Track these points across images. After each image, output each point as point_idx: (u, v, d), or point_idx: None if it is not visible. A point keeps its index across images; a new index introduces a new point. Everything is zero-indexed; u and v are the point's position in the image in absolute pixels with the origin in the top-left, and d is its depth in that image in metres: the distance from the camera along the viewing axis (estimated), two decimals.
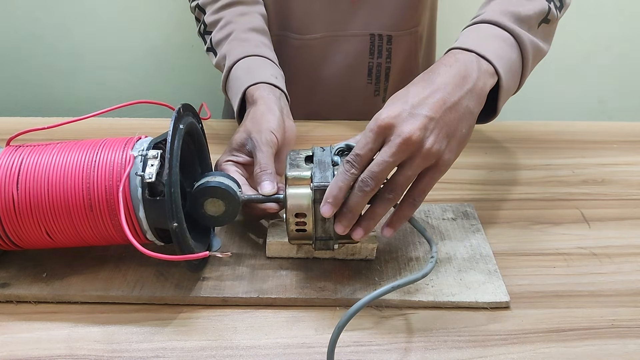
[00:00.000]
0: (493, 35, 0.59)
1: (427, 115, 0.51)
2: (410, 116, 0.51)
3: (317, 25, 0.90)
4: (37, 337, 0.51)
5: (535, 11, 0.63)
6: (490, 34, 0.59)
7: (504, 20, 0.60)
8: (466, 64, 0.56)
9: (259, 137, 0.62)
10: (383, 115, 0.52)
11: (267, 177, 0.58)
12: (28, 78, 1.49)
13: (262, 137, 0.62)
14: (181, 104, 0.55)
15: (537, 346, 0.51)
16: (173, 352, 0.50)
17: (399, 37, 0.91)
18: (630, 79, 1.59)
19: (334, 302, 0.55)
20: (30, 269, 0.58)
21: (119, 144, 0.54)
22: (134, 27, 1.43)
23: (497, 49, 0.58)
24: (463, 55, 0.57)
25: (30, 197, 0.52)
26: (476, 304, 0.55)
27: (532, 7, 0.63)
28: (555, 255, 0.63)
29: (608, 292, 0.58)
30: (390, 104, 0.53)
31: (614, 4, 1.48)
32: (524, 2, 0.63)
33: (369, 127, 0.52)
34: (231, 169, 0.61)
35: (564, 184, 0.76)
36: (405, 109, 0.52)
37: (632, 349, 0.51)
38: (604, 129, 0.91)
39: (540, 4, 0.64)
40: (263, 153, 0.61)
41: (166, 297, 0.55)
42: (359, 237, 0.54)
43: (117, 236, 0.54)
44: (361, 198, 0.52)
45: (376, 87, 0.96)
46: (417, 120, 0.51)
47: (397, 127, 0.51)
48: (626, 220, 0.69)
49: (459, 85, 0.54)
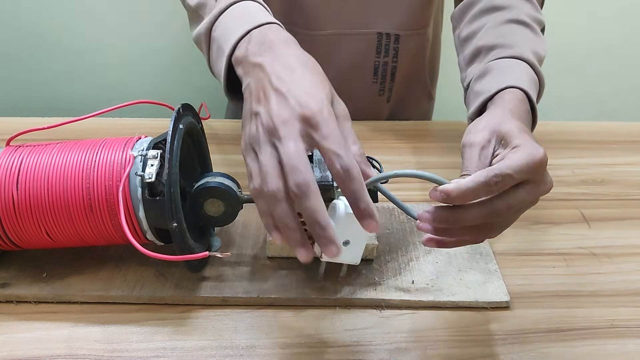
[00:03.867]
0: (532, 78, 0.61)
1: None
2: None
3: (326, 22, 0.89)
4: (37, 337, 0.51)
5: (545, 51, 0.65)
6: (530, 75, 0.60)
7: (535, 62, 0.62)
8: (529, 117, 0.57)
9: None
10: (543, 150, 0.48)
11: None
12: (28, 78, 1.49)
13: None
14: (181, 104, 0.55)
15: (537, 346, 0.51)
16: (173, 352, 0.50)
17: (406, 37, 0.91)
18: (630, 79, 1.59)
19: (334, 302, 0.55)
20: (30, 269, 0.58)
21: (119, 144, 0.54)
22: (134, 27, 1.43)
23: (535, 96, 0.60)
24: (527, 109, 0.57)
25: (30, 197, 0.52)
26: (476, 304, 0.55)
27: (544, 47, 0.66)
28: (555, 255, 0.63)
29: (608, 292, 0.58)
30: (532, 139, 0.49)
31: (614, 4, 1.48)
32: (540, 42, 0.66)
33: (529, 155, 0.47)
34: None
35: (564, 184, 0.76)
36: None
37: (631, 349, 0.52)
38: (603, 129, 0.91)
39: (545, 43, 0.67)
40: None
41: (166, 297, 0.55)
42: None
43: (117, 236, 0.54)
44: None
45: (381, 86, 0.95)
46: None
47: (546, 169, 0.48)
48: (626, 220, 0.69)
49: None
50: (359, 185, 0.43)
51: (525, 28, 0.66)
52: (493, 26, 0.67)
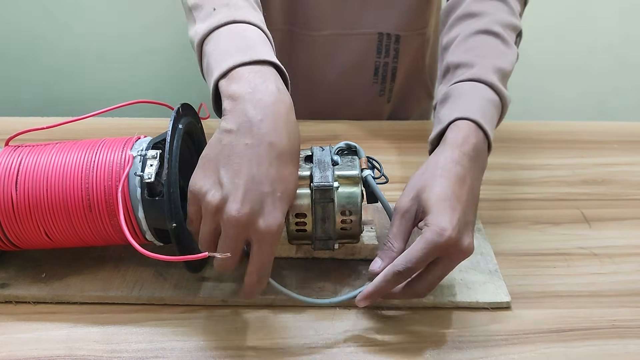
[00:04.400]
0: (489, 101, 0.60)
1: (472, 221, 0.53)
2: (465, 228, 0.52)
3: (326, 22, 0.89)
4: (37, 338, 0.51)
5: (513, 63, 0.65)
6: (487, 99, 0.60)
7: (496, 81, 0.62)
8: (480, 152, 0.57)
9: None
10: (449, 231, 0.50)
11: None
12: (28, 78, 1.49)
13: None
14: (180, 103, 0.55)
15: (538, 346, 0.51)
16: (173, 352, 0.50)
17: (407, 38, 0.91)
18: (630, 79, 1.59)
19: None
20: (29, 270, 0.57)
21: (118, 144, 0.54)
22: (134, 27, 1.43)
23: (492, 118, 0.60)
24: (477, 140, 0.57)
25: (29, 197, 0.52)
26: (477, 304, 0.55)
27: (511, 58, 0.65)
28: (555, 256, 0.62)
29: (608, 293, 0.58)
30: (445, 212, 0.51)
31: (614, 4, 1.48)
32: (508, 54, 0.65)
33: (430, 242, 0.50)
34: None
35: (564, 184, 0.76)
36: (460, 220, 0.51)
37: (632, 349, 0.51)
38: (604, 128, 0.91)
39: (514, 54, 0.66)
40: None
41: (165, 298, 0.55)
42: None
43: (116, 237, 0.54)
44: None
45: (382, 86, 0.95)
46: (470, 231, 0.52)
47: (459, 242, 0.51)
48: (627, 220, 0.69)
49: (479, 179, 0.57)
50: (261, 287, 0.50)
51: (495, 38, 0.65)
52: (463, 39, 0.67)
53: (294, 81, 0.58)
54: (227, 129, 0.49)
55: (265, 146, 0.47)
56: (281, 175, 0.48)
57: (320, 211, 0.53)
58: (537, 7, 0.85)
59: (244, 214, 0.46)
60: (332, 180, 0.53)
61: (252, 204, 0.46)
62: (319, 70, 0.93)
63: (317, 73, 0.93)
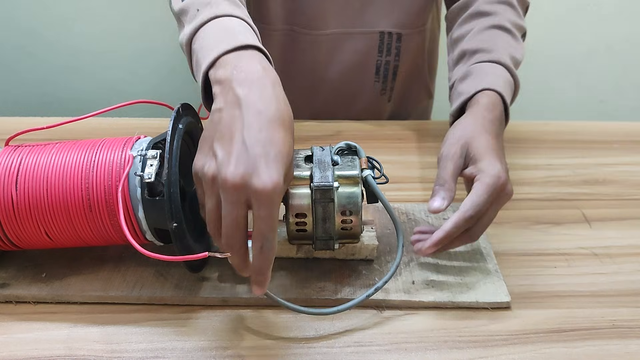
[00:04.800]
0: (507, 81, 0.68)
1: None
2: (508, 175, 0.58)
3: (327, 22, 0.89)
4: (37, 338, 0.51)
5: (523, 56, 0.73)
6: (506, 79, 0.68)
7: (511, 66, 0.70)
8: (502, 122, 0.65)
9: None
10: (503, 176, 0.57)
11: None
12: (28, 77, 1.49)
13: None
14: (180, 103, 0.55)
15: (538, 347, 0.51)
16: (173, 352, 0.50)
17: (408, 36, 0.91)
18: (631, 79, 1.59)
19: (334, 302, 0.55)
20: (29, 269, 0.57)
21: (118, 144, 0.54)
22: (134, 26, 1.43)
23: (509, 97, 0.68)
24: (500, 110, 0.65)
25: (29, 197, 0.52)
26: (477, 304, 0.55)
27: (522, 52, 0.73)
28: (556, 256, 0.62)
29: (609, 293, 0.58)
30: (497, 160, 0.58)
31: (614, 4, 1.48)
32: (518, 47, 0.73)
33: (491, 186, 0.56)
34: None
35: (565, 184, 0.76)
36: (505, 168, 0.58)
37: (633, 349, 0.51)
38: (604, 128, 0.91)
39: (523, 48, 0.74)
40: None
41: (166, 298, 0.55)
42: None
43: (116, 236, 0.54)
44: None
45: (383, 85, 0.95)
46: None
47: (507, 186, 0.57)
48: (627, 220, 0.69)
49: (501, 135, 0.64)
50: (266, 263, 0.47)
51: (507, 34, 0.73)
52: (478, 31, 0.73)
53: (295, 80, 0.58)
54: (217, 108, 0.49)
55: (254, 113, 0.47)
56: (272, 138, 0.46)
57: (320, 211, 0.53)
58: (537, 7, 0.85)
59: (238, 174, 0.45)
60: (332, 180, 0.53)
61: (245, 166, 0.45)
62: (320, 69, 0.93)
63: (319, 72, 0.93)
